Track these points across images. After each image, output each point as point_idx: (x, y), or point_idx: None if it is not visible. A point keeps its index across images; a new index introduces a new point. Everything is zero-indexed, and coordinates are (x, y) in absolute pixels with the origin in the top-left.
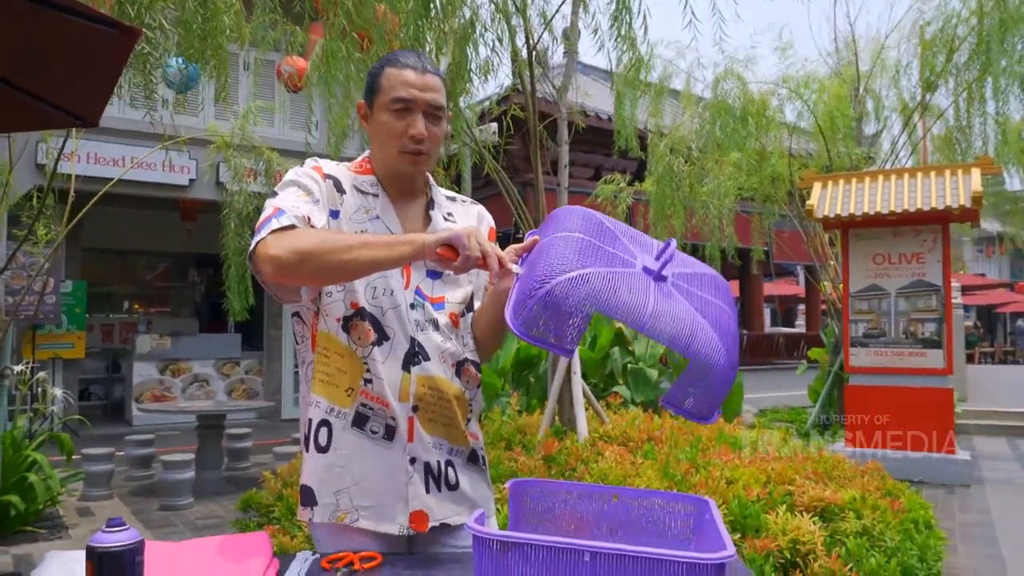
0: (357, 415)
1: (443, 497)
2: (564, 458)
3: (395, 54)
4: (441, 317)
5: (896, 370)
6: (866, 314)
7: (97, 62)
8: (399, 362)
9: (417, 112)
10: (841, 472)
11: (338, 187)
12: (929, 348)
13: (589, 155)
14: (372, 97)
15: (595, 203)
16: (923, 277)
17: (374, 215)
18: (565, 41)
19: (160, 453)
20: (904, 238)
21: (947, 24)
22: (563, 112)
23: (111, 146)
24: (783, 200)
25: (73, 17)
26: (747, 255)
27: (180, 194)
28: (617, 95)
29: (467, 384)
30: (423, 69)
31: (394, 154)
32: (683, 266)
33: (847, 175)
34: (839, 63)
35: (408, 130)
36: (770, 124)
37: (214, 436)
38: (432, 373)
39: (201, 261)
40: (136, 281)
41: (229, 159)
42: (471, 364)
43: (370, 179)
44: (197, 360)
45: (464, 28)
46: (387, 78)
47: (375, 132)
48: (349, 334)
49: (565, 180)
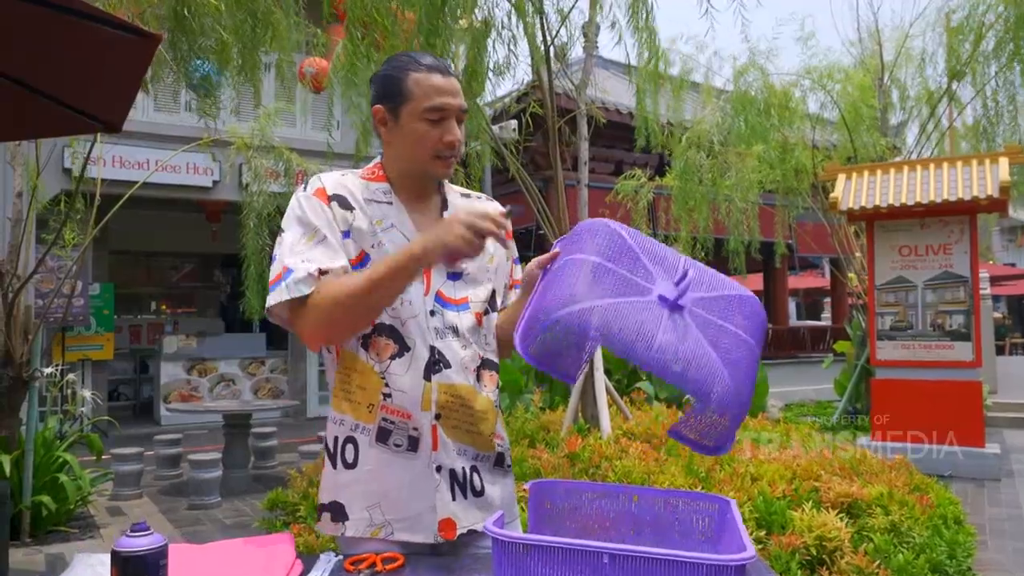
0: (380, 430)
1: (469, 504)
2: (587, 455)
3: (410, 56)
4: (465, 319)
5: (924, 363)
6: (893, 306)
7: (120, 68)
8: (420, 372)
9: (452, 119)
10: (868, 467)
11: (344, 205)
12: (957, 341)
13: (609, 150)
14: (396, 103)
15: (616, 199)
16: (950, 269)
17: (388, 224)
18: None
19: (188, 452)
20: (931, 229)
21: (973, 11)
22: (582, 108)
23: (135, 149)
24: (807, 192)
25: (97, 24)
26: (770, 249)
27: (204, 195)
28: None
29: (488, 387)
30: (447, 71)
31: (427, 160)
32: (707, 289)
33: (871, 166)
34: (863, 53)
35: (444, 136)
36: (793, 116)
37: (240, 435)
38: (453, 380)
39: (226, 261)
40: (162, 282)
41: (250, 160)
42: (491, 366)
43: (383, 186)
44: (223, 360)
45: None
46: (416, 84)
47: (401, 138)
48: (367, 351)
49: (585, 176)
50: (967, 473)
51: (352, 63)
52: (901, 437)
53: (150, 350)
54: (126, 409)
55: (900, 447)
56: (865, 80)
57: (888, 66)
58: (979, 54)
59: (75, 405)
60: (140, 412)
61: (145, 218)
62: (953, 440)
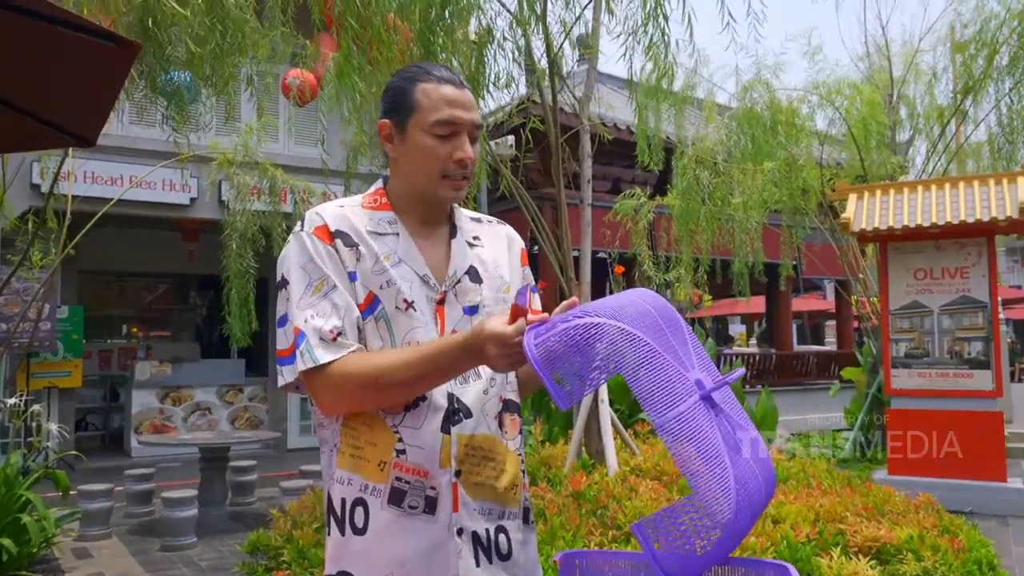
0: (393, 491)
1: (496, 569)
2: (594, 494)
3: (421, 67)
4: None
5: (941, 393)
6: (907, 333)
7: (96, 78)
8: (437, 424)
9: (463, 134)
10: (893, 507)
11: (348, 242)
12: (976, 369)
13: (607, 167)
14: (404, 116)
15: (615, 218)
16: (968, 293)
17: (396, 260)
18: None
19: (161, 488)
20: (947, 252)
21: (985, 26)
22: (585, 124)
23: (109, 164)
24: (813, 212)
25: (70, 31)
26: (775, 270)
27: (181, 214)
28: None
29: (510, 434)
30: (461, 84)
31: (434, 179)
32: (734, 404)
33: (884, 186)
34: (871, 67)
35: (454, 154)
36: (800, 133)
37: (218, 470)
38: (475, 431)
39: (202, 283)
40: (135, 305)
41: (231, 177)
42: (513, 408)
43: (387, 216)
44: (199, 387)
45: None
46: (425, 95)
47: (408, 154)
48: None
49: (588, 196)
50: (989, 509)
51: (345, 75)
52: (919, 471)
53: (121, 377)
54: (94, 440)
55: (918, 482)
56: (874, 96)
57: (897, 82)
58: (992, 69)
59: (40, 438)
60: (109, 443)
61: (118, 237)
62: (974, 474)
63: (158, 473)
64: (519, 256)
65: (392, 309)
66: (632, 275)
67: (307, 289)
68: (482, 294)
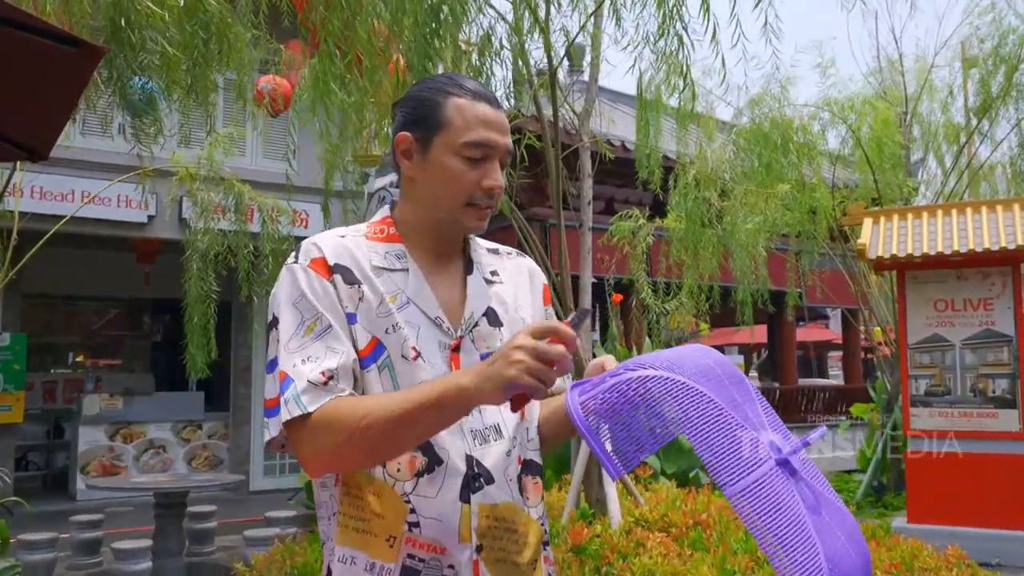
0: (405, 571)
1: None
2: (596, 549)
3: (453, 79)
4: (508, 412)
5: (964, 434)
6: (927, 368)
7: (52, 86)
8: (455, 492)
9: (495, 159)
10: (923, 563)
11: (349, 278)
12: (1001, 408)
13: (600, 186)
14: (429, 131)
15: (611, 241)
16: (992, 326)
17: (404, 300)
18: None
19: (111, 535)
20: (969, 281)
21: (1003, 41)
22: (585, 141)
23: (60, 179)
24: (823, 236)
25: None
26: (781, 298)
27: (137, 233)
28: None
29: (532, 501)
30: (497, 103)
31: (457, 206)
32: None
33: (901, 210)
34: (883, 83)
35: (484, 180)
36: (812, 152)
37: (174, 517)
38: (497, 499)
39: (158, 308)
40: (83, 331)
41: (194, 193)
42: (534, 470)
43: (396, 248)
44: (153, 423)
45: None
46: (458, 112)
47: (430, 175)
48: (385, 466)
49: (589, 218)
50: (1018, 561)
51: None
52: (941, 519)
53: (67, 411)
54: (35, 481)
55: (940, 531)
56: (889, 113)
57: (911, 98)
58: (1013, 87)
59: None
60: (52, 484)
61: (66, 257)
62: (1000, 522)
63: (107, 519)
64: (541, 294)
65: (398, 357)
66: (630, 303)
67: (298, 329)
68: (502, 339)
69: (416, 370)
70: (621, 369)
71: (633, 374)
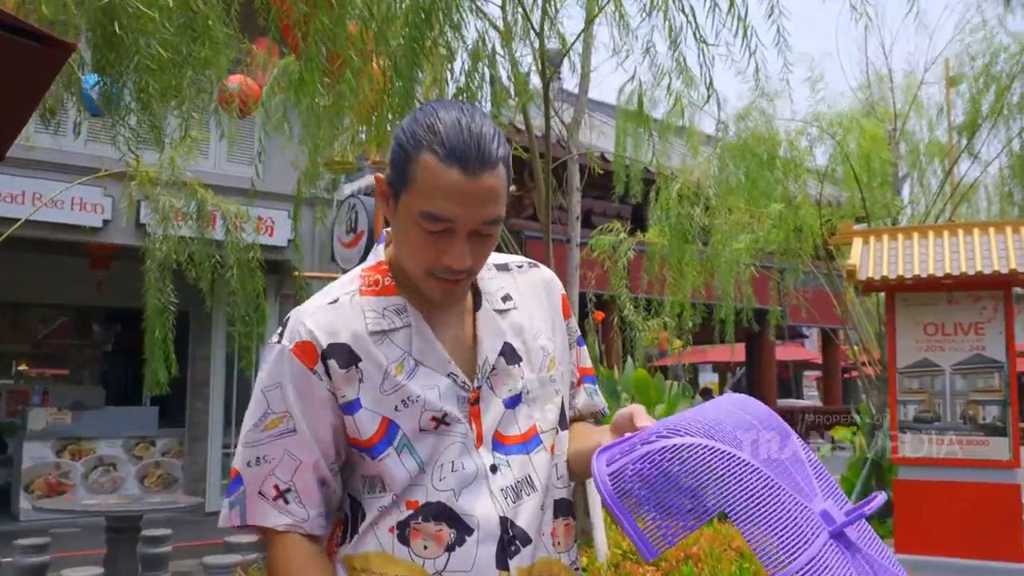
0: None
1: None
2: None
3: (435, 123)
4: (540, 460)
5: (953, 462)
6: (917, 394)
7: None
8: (491, 559)
9: (460, 234)
10: None
11: (344, 362)
12: (992, 436)
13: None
14: (398, 184)
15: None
16: (982, 352)
17: (411, 367)
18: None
19: (57, 560)
20: (960, 305)
21: (994, 59)
22: (574, 154)
23: (7, 179)
24: (808, 255)
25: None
26: (762, 316)
27: (91, 237)
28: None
29: (564, 546)
30: (477, 166)
31: (419, 275)
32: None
33: (891, 231)
34: (871, 99)
35: (442, 258)
36: (799, 169)
37: (127, 542)
38: (535, 559)
39: (111, 316)
40: (29, 339)
41: (154, 197)
42: (565, 511)
43: (394, 303)
44: (103, 439)
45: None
46: (422, 172)
47: (397, 234)
48: (409, 545)
49: (577, 235)
50: None
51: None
52: (929, 550)
53: (10, 425)
54: None
55: (928, 562)
56: (878, 130)
57: (900, 115)
58: (1002, 106)
59: None
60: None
61: (13, 261)
62: (990, 553)
63: (54, 541)
64: (561, 307)
65: (415, 431)
66: (611, 320)
67: (260, 421)
68: (524, 376)
69: (439, 441)
70: (653, 436)
71: (668, 442)
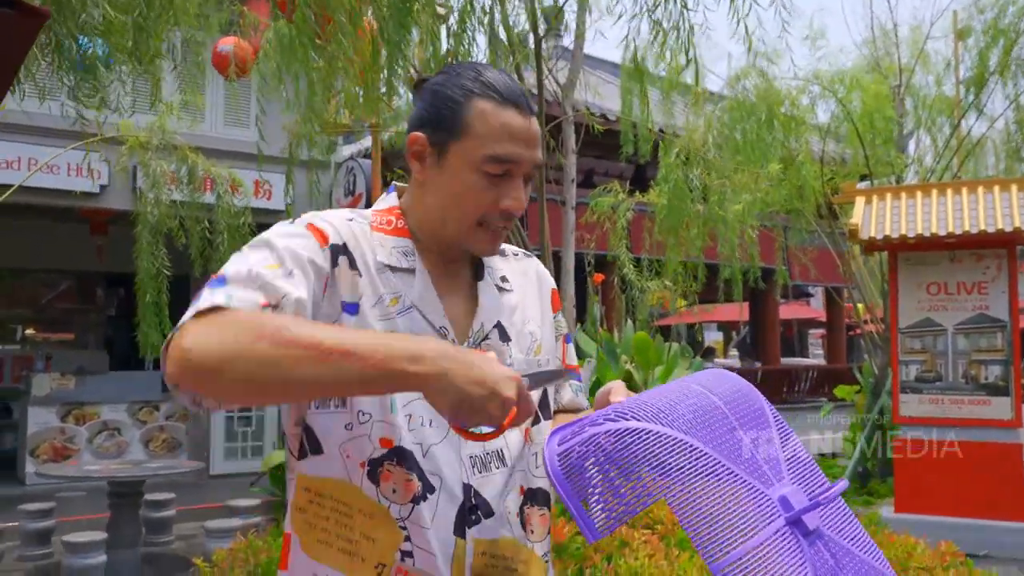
0: None
1: None
2: (578, 548)
3: (480, 74)
4: (513, 438)
5: (955, 421)
6: (919, 354)
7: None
8: (450, 523)
9: (518, 177)
10: (918, 562)
11: (351, 263)
12: (994, 396)
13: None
14: (446, 136)
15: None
16: (986, 311)
17: (404, 306)
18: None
19: (62, 524)
20: (963, 264)
21: (1002, 12)
22: (569, 114)
23: (5, 144)
24: (811, 214)
25: None
26: (766, 276)
27: (89, 203)
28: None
29: (537, 535)
30: (528, 109)
31: (467, 225)
32: (844, 523)
33: (894, 189)
34: (876, 54)
35: (502, 201)
36: (800, 127)
37: (130, 505)
38: (496, 535)
39: (112, 281)
40: (33, 305)
41: (146, 162)
42: (540, 500)
43: (404, 244)
44: (107, 404)
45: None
46: (481, 118)
47: (441, 187)
48: (378, 485)
49: (573, 197)
50: (1007, 552)
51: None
52: (930, 509)
53: (14, 391)
54: None
55: (929, 521)
56: (881, 88)
57: (905, 70)
58: (1012, 59)
59: None
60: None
61: (14, 227)
62: (991, 512)
63: (59, 505)
64: (550, 300)
65: None
66: (611, 281)
67: (260, 257)
68: (512, 355)
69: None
70: (601, 418)
71: (613, 425)
